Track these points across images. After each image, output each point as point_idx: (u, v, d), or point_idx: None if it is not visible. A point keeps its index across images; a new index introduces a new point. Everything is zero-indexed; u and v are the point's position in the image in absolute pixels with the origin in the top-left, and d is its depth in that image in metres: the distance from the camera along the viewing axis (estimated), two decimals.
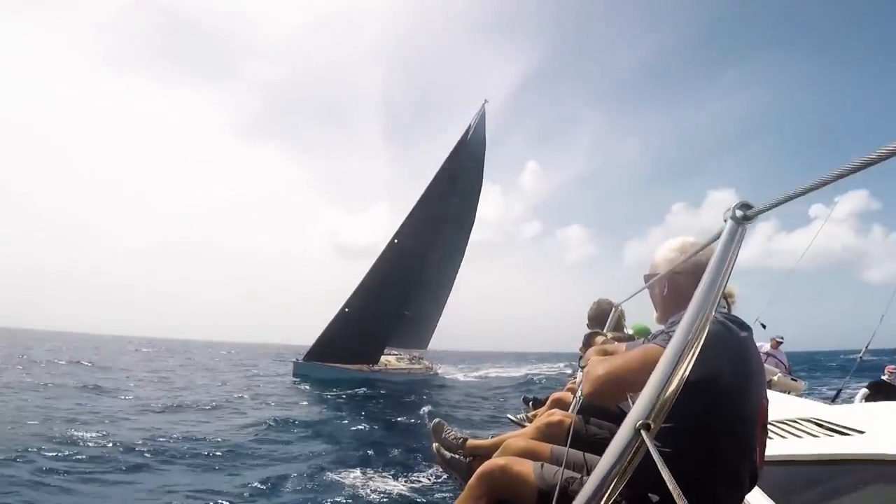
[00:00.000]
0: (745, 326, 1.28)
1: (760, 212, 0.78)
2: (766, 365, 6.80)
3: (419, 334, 29.55)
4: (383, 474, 6.51)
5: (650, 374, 1.10)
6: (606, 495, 0.70)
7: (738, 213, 0.80)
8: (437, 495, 5.83)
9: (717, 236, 0.85)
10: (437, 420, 2.38)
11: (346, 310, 24.17)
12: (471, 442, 2.30)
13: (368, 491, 5.81)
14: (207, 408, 11.63)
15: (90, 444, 7.09)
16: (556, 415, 2.16)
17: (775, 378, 6.70)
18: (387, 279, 24.27)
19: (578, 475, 1.46)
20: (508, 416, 4.24)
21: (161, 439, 7.69)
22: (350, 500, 5.56)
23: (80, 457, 6.49)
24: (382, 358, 24.99)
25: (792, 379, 7.45)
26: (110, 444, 7.14)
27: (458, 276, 31.27)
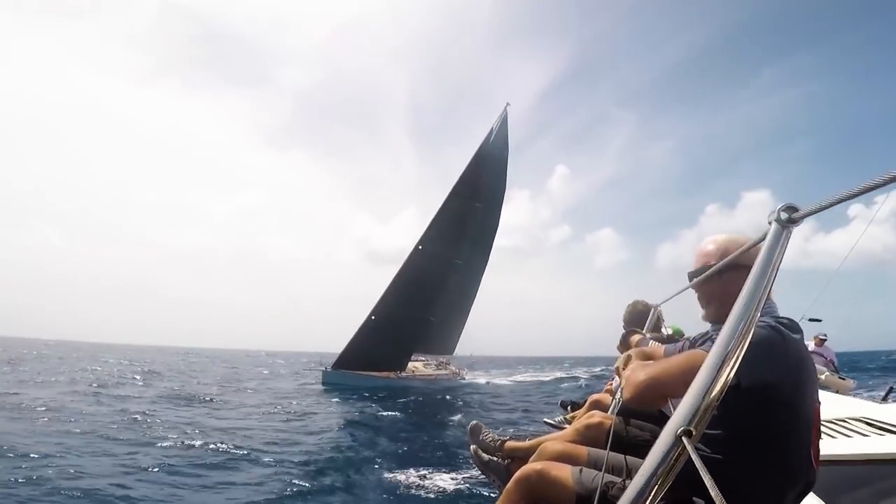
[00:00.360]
0: (796, 328, 1.25)
1: (806, 215, 0.77)
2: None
3: (445, 340, 29.58)
4: (424, 476, 6.78)
5: (693, 380, 1.12)
6: (648, 502, 0.69)
7: (783, 215, 0.79)
8: (475, 497, 5.97)
9: (762, 238, 0.84)
10: (474, 422, 2.35)
11: (373, 318, 24.35)
12: (509, 444, 2.27)
13: (411, 492, 6.32)
14: (273, 412, 13.20)
15: (204, 447, 8.30)
16: (596, 416, 2.12)
17: (823, 377, 6.40)
18: (411, 286, 24.38)
19: (619, 479, 1.44)
20: (545, 420, 4.14)
21: (247, 442, 8.87)
22: (394, 499, 6.12)
23: (192, 458, 7.57)
24: (409, 364, 25.09)
25: (840, 377, 7.12)
26: (213, 446, 8.34)
27: (484, 281, 31.20)
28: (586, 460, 1.69)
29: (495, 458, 2.26)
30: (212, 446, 8.29)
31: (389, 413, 13.98)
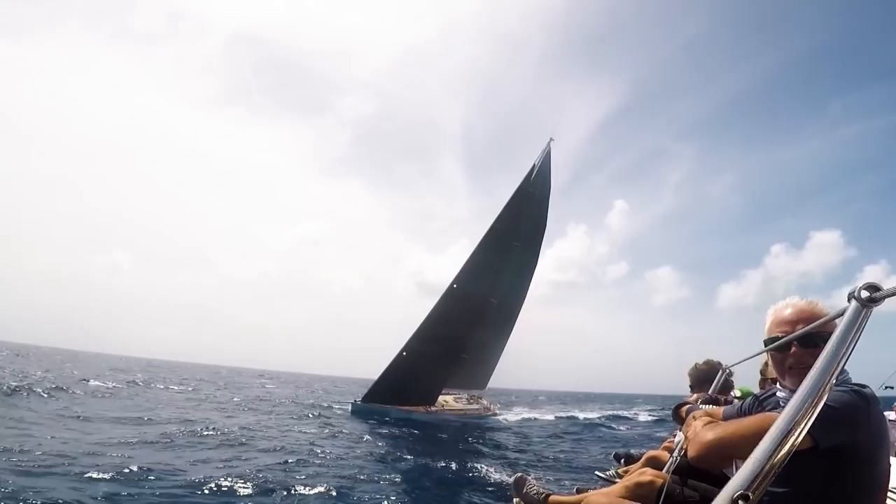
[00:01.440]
0: (875, 396, 1.31)
1: (888, 295, 0.77)
2: None
3: (477, 376, 29.18)
4: None
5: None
6: None
7: (864, 294, 0.79)
8: None
9: (841, 313, 0.85)
10: (518, 475, 2.31)
11: (404, 354, 24.35)
12: (553, 498, 2.21)
13: None
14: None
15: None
16: (648, 474, 2.08)
17: None
18: (444, 325, 24.30)
19: None
20: (597, 472, 3.97)
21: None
22: None
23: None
24: (440, 398, 24.81)
25: None
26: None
27: (533, 314, 30.85)
28: None
29: None
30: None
31: (405, 449, 13.60)
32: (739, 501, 0.72)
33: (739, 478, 0.75)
